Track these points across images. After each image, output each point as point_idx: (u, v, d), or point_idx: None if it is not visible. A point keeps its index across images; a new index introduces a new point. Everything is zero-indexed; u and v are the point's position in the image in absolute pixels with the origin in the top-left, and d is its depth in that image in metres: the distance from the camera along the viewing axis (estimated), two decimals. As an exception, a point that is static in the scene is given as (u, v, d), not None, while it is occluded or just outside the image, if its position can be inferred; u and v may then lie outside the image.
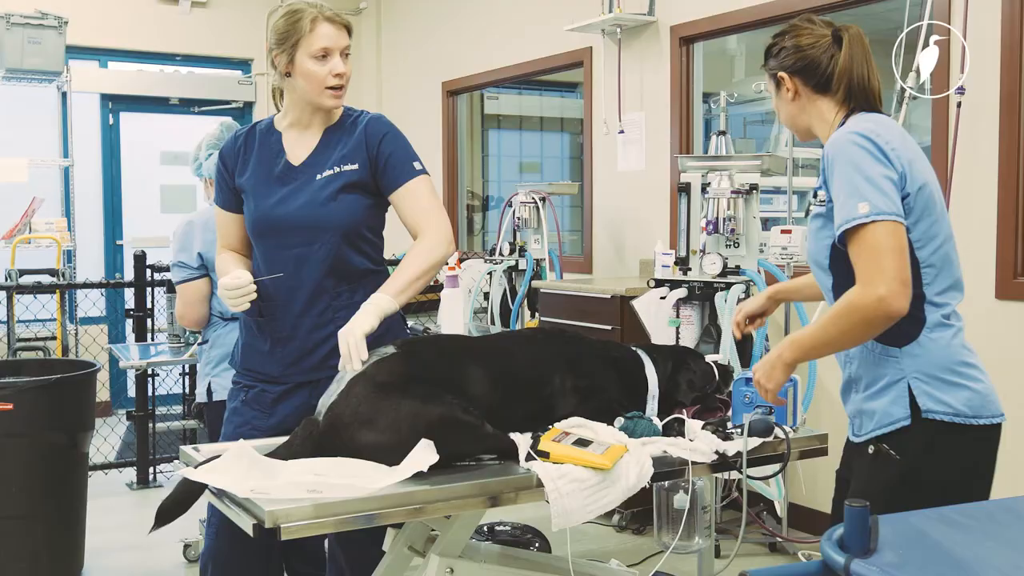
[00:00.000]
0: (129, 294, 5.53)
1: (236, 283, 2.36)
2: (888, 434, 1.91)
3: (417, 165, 2.45)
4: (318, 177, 2.43)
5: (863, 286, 1.80)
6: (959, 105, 3.49)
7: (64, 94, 6.52)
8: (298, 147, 2.49)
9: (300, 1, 2.40)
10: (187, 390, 5.42)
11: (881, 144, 1.85)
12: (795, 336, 1.98)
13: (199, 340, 3.36)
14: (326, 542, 3.47)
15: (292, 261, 2.43)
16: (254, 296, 2.39)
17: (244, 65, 7.24)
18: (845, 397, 2.05)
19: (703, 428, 2.28)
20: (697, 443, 2.19)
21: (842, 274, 1.92)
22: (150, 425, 5.17)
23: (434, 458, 1.96)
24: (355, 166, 2.43)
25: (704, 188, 3.87)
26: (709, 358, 2.49)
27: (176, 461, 4.88)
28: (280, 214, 2.43)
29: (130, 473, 5.24)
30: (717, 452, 2.18)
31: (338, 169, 2.43)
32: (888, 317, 1.81)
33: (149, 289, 5.32)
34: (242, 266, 2.50)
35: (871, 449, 1.94)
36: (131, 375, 5.50)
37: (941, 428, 1.88)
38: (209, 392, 3.24)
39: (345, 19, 2.42)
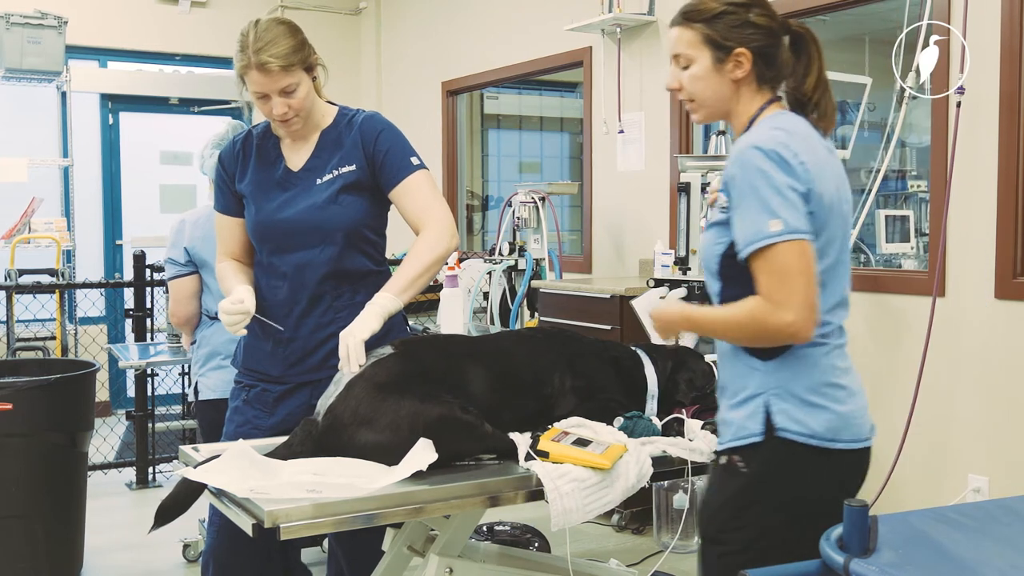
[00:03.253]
0: (128, 294, 5.54)
1: (235, 309, 2.35)
2: (741, 447, 1.82)
3: (415, 160, 2.44)
4: (318, 182, 2.43)
5: (772, 306, 1.73)
6: (959, 105, 3.48)
7: (64, 94, 6.52)
8: (295, 152, 2.48)
9: (248, 35, 2.34)
10: (186, 390, 5.42)
11: (789, 157, 1.75)
12: (692, 314, 1.92)
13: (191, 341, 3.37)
14: (325, 541, 3.47)
15: (294, 264, 2.43)
16: (247, 322, 2.38)
17: (244, 65, 7.24)
18: (719, 402, 1.96)
19: (703, 428, 2.28)
20: (697, 443, 2.20)
21: (731, 282, 1.85)
22: (149, 425, 5.17)
23: (433, 457, 1.96)
24: (352, 167, 2.43)
25: (704, 188, 3.87)
26: (709, 358, 2.49)
27: (175, 461, 4.88)
28: (282, 219, 2.42)
29: (129, 473, 5.24)
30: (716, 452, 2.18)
31: (336, 172, 2.43)
32: (792, 340, 1.77)
33: (148, 289, 5.32)
34: (245, 281, 2.48)
35: (722, 460, 1.87)
36: (130, 375, 5.49)
37: (794, 448, 1.78)
38: (196, 391, 3.25)
39: (282, 61, 2.30)
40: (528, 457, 2.05)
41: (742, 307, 1.79)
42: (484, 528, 3.69)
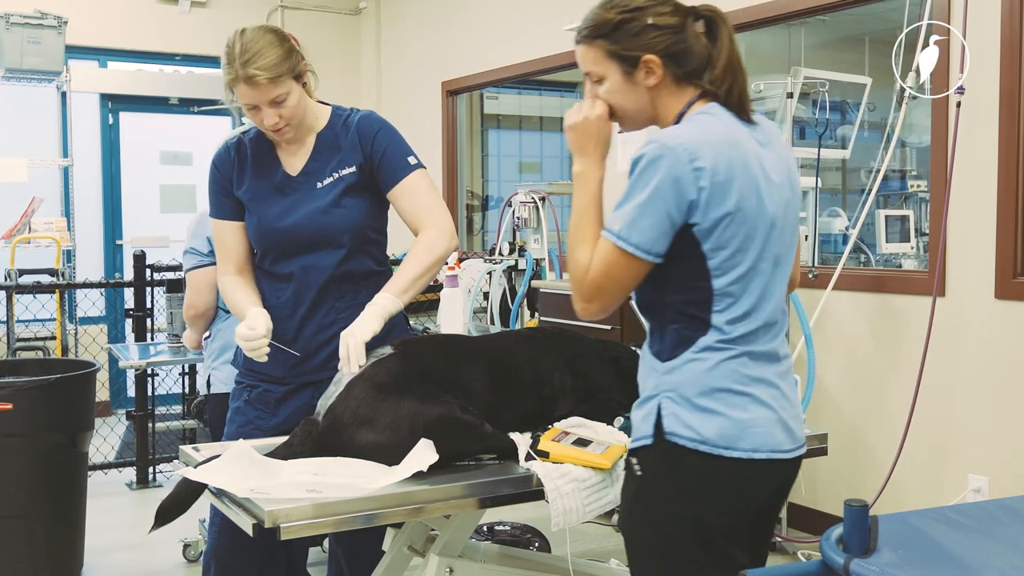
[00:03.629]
0: (129, 294, 5.54)
1: (251, 335, 2.30)
2: (636, 449, 1.78)
3: (412, 159, 2.43)
4: (319, 186, 2.41)
5: (587, 284, 1.74)
6: (959, 105, 3.49)
7: (64, 94, 6.52)
8: (292, 156, 2.46)
9: (234, 46, 2.31)
10: (187, 390, 5.42)
11: (682, 165, 1.66)
12: (583, 189, 1.87)
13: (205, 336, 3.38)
14: (326, 542, 3.47)
15: (300, 267, 2.42)
16: (267, 351, 2.32)
17: (244, 65, 7.23)
18: None
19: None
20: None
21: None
22: (149, 425, 5.17)
23: (434, 458, 1.96)
24: (352, 169, 2.42)
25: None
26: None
27: (176, 461, 4.88)
28: (285, 226, 2.40)
29: (130, 473, 5.24)
30: (717, 452, 2.17)
31: (337, 175, 2.41)
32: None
33: (149, 289, 5.32)
34: (256, 301, 2.43)
35: (627, 461, 1.83)
36: (131, 375, 5.49)
37: (683, 453, 1.71)
38: (208, 384, 3.26)
39: (269, 73, 2.27)
40: (528, 457, 2.05)
41: (580, 246, 1.78)
42: (484, 528, 3.69)
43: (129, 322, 5.49)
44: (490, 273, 5.17)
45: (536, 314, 4.87)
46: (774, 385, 1.77)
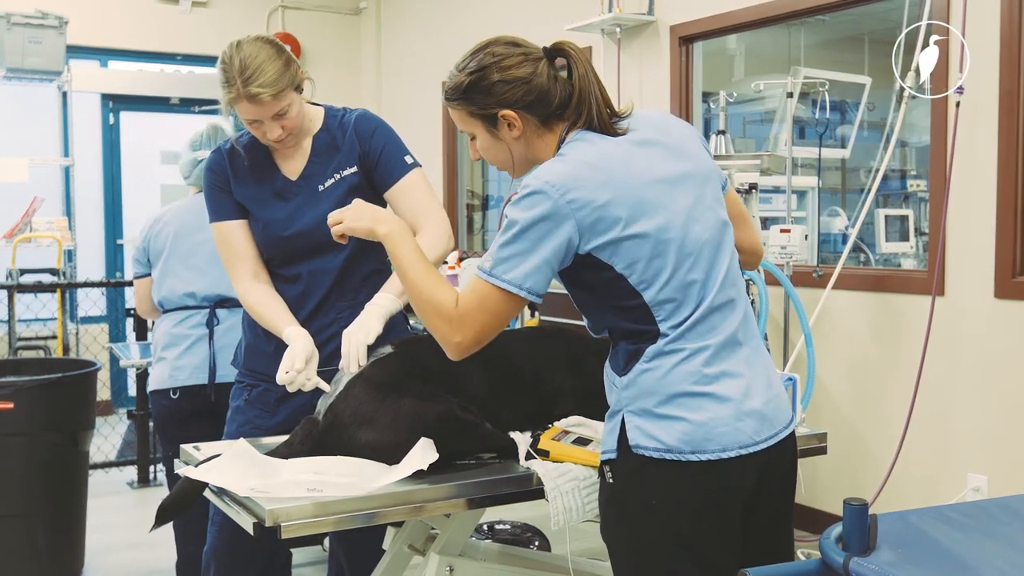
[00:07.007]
0: (129, 293, 5.54)
1: (289, 377, 2.23)
2: (606, 460, 1.80)
3: (408, 159, 2.43)
4: (320, 189, 2.41)
5: (456, 317, 1.75)
6: (958, 105, 3.49)
7: (64, 94, 6.52)
8: (290, 160, 2.44)
9: (232, 62, 2.26)
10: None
11: (554, 198, 1.68)
12: (398, 245, 1.88)
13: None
14: (326, 541, 3.48)
15: (307, 271, 2.42)
16: (315, 381, 2.27)
17: (244, 65, 7.23)
18: None
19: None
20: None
21: (575, 288, 1.86)
22: (150, 424, 5.17)
23: (434, 457, 1.96)
24: (354, 169, 2.42)
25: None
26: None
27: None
28: (292, 234, 2.40)
29: (130, 472, 5.25)
30: (716, 451, 2.17)
31: (338, 176, 2.41)
32: (445, 351, 1.80)
33: (149, 288, 5.32)
34: (288, 318, 2.37)
35: (599, 469, 1.85)
36: (131, 374, 5.50)
37: (650, 463, 1.72)
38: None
39: (272, 90, 2.24)
40: (528, 456, 2.06)
41: (437, 288, 1.78)
42: (484, 527, 3.70)
43: (130, 321, 5.50)
44: (490, 273, 5.17)
45: (536, 314, 4.87)
46: (738, 375, 1.75)
